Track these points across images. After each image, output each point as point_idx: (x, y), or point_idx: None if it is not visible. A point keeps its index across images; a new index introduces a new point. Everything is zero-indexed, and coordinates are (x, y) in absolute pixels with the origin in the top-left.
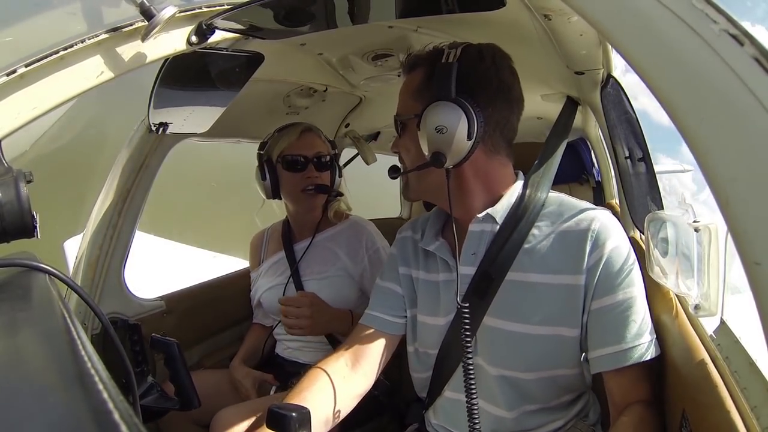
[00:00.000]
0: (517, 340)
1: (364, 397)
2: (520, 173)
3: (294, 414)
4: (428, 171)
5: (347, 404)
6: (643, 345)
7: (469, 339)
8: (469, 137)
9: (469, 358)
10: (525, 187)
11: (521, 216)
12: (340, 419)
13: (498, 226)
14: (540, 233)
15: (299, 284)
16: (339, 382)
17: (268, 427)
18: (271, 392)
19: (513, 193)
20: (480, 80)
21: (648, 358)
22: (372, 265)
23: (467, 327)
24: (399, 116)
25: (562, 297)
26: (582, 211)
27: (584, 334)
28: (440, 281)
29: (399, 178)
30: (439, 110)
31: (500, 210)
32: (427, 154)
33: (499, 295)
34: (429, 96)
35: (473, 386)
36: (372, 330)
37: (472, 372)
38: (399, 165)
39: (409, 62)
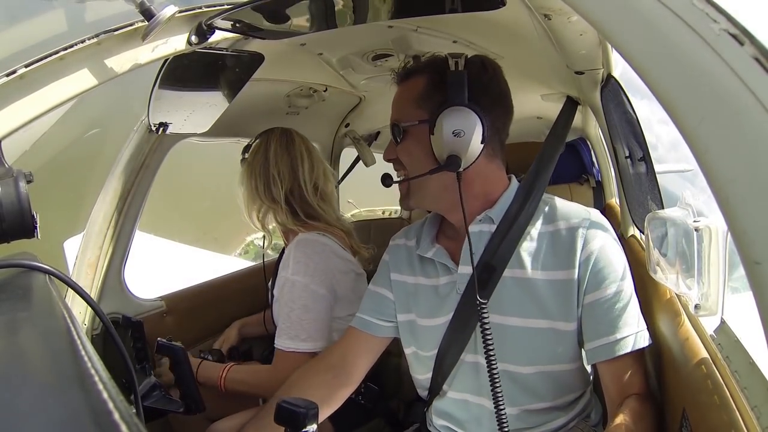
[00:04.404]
0: (515, 334)
1: (352, 404)
2: (513, 176)
3: (303, 409)
4: (430, 177)
5: (335, 404)
6: (634, 335)
7: (487, 323)
8: (482, 141)
9: (489, 336)
10: (520, 188)
11: (516, 216)
12: (327, 417)
13: (495, 227)
14: (535, 233)
15: None
16: (329, 381)
17: (276, 422)
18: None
19: (509, 195)
20: (484, 89)
21: (639, 346)
22: None
23: (485, 317)
24: (400, 123)
25: (558, 292)
26: (573, 210)
27: (579, 328)
28: (440, 284)
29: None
30: (456, 114)
31: (496, 211)
32: (442, 157)
33: (497, 291)
34: (436, 102)
35: (493, 360)
36: (362, 332)
37: (491, 338)
38: (392, 174)
39: (405, 71)
